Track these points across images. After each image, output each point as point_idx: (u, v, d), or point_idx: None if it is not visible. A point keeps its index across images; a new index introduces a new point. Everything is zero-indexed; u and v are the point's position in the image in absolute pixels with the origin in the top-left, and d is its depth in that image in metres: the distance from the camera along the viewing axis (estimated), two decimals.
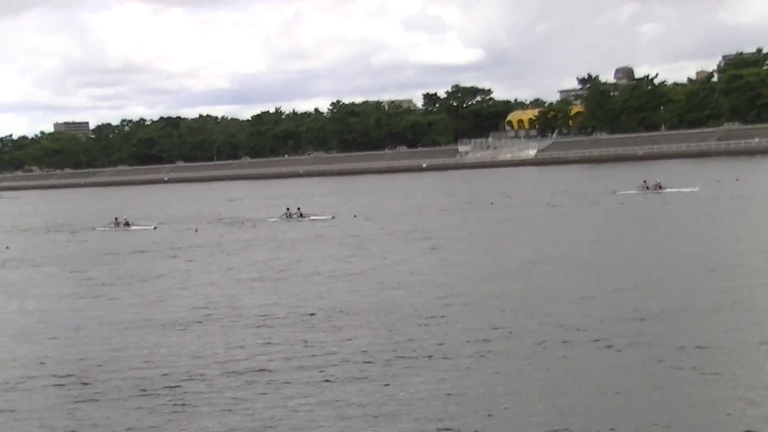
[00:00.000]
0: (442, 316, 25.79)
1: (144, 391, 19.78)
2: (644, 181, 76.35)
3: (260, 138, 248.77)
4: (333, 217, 67.28)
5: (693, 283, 29.05)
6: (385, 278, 34.23)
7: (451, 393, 18.08)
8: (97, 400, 19.40)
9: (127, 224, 69.91)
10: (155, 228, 67.52)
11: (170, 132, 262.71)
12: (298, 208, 70.77)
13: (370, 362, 21.10)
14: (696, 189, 70.38)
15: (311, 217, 67.88)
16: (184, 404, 18.62)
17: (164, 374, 21.09)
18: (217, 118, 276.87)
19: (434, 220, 60.65)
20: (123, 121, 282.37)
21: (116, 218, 72.53)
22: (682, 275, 30.59)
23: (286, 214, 69.54)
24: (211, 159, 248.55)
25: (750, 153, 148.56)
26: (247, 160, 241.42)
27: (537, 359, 20.38)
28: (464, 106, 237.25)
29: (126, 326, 27.49)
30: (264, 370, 20.95)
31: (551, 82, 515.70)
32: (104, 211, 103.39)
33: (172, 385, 20.11)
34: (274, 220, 69.33)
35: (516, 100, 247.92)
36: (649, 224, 49.54)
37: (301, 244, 50.70)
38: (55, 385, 20.94)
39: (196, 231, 63.71)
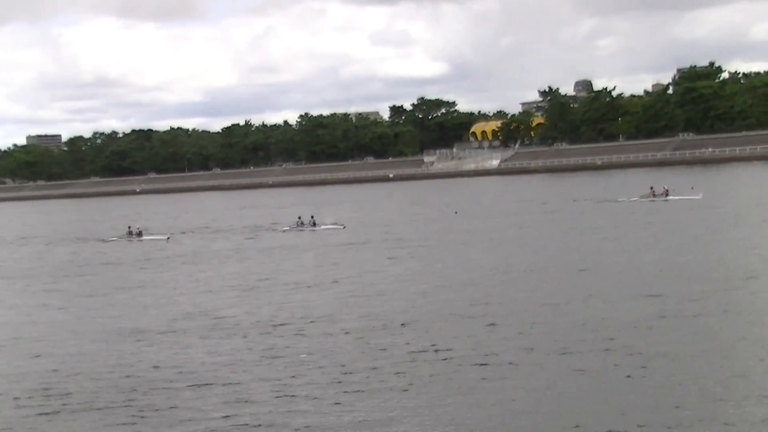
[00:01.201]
0: (405, 325, 25.47)
1: (110, 402, 19.58)
2: (651, 188, 74.30)
3: (231, 150, 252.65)
4: (344, 227, 64.24)
5: (661, 289, 28.76)
6: (356, 287, 33.88)
7: (420, 405, 17.71)
8: (59, 412, 19.20)
9: (140, 234, 67.53)
10: (168, 239, 65.39)
11: (142, 144, 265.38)
12: (312, 217, 67.47)
13: (338, 373, 20.74)
14: (699, 197, 69.14)
15: (323, 227, 65.09)
16: (144, 417, 18.42)
17: (129, 386, 20.85)
18: (188, 130, 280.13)
19: (416, 229, 61.51)
20: (95, 133, 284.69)
21: (129, 227, 69.45)
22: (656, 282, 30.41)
23: (298, 223, 66.87)
24: (182, 170, 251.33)
25: (703, 162, 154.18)
26: (217, 171, 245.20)
27: (491, 371, 20.07)
28: (429, 117, 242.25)
29: (95, 337, 27.13)
30: (229, 382, 20.58)
31: (514, 95, 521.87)
32: (77, 222, 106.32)
33: (134, 397, 19.87)
34: (286, 228, 66.79)
35: (480, 112, 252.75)
36: (614, 231, 51.69)
37: (282, 252, 52.07)
38: (17, 398, 20.46)
39: (168, 239, 64.12)
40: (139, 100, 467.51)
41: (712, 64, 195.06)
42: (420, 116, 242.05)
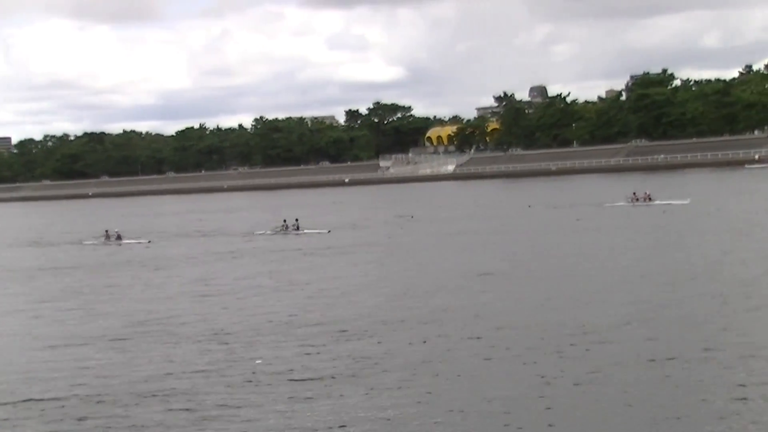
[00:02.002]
0: (370, 333, 24.91)
1: (47, 413, 18.87)
2: (634, 193, 73.76)
3: (185, 153, 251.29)
4: (329, 231, 63.19)
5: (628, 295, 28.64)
6: (316, 293, 33.41)
7: (373, 412, 17.33)
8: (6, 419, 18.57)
9: (118, 238, 65.84)
10: (149, 242, 63.86)
11: (94, 147, 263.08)
12: (296, 220, 65.74)
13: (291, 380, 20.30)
14: (687, 201, 68.25)
15: (307, 231, 63.63)
16: (82, 428, 17.88)
17: (75, 394, 20.17)
18: (141, 133, 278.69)
19: (372, 234, 61.38)
20: (46, 136, 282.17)
21: (106, 231, 67.54)
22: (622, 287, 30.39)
23: (282, 226, 65.14)
24: (135, 174, 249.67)
25: (656, 168, 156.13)
26: (171, 175, 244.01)
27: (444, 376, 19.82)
28: (385, 122, 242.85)
29: (40, 344, 26.50)
30: (180, 391, 19.92)
31: (469, 100, 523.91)
32: (29, 225, 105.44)
33: (83, 405, 19.23)
34: (269, 233, 64.85)
35: (435, 116, 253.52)
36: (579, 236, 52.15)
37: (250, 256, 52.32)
38: None
39: (149, 243, 63.00)
40: (93, 103, 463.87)
41: (664, 71, 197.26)
42: (376, 121, 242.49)
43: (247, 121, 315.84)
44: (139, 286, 39.50)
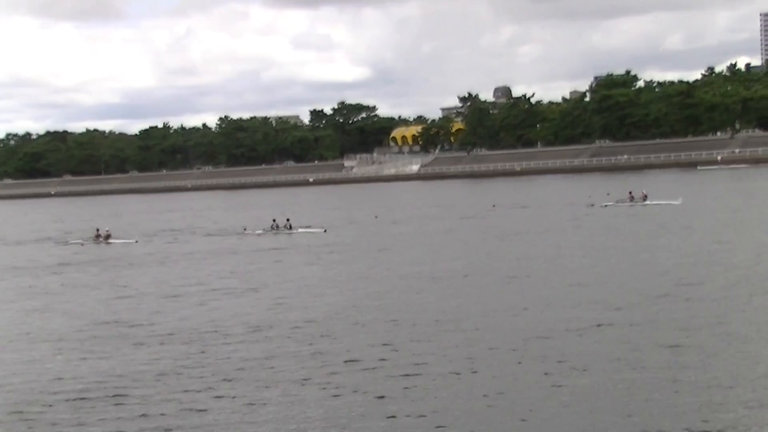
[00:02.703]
0: (324, 336, 24.36)
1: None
2: (630, 193, 71.99)
3: (148, 152, 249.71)
4: (325, 230, 61.12)
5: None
6: (276, 294, 32.75)
7: (338, 415, 16.97)
8: None
9: (107, 237, 63.56)
10: (137, 242, 62.21)
11: (57, 146, 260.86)
12: (288, 220, 63.84)
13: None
14: (678, 202, 66.91)
15: (300, 230, 61.95)
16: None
17: (26, 398, 19.65)
18: (105, 132, 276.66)
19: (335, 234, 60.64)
20: (8, 134, 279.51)
21: (97, 230, 65.23)
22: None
23: (273, 226, 63.20)
24: (98, 173, 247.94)
25: (619, 169, 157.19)
26: (135, 174, 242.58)
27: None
28: (350, 122, 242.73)
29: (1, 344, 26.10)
30: (118, 394, 19.48)
31: (434, 100, 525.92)
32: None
33: (29, 410, 18.64)
34: (259, 232, 62.70)
35: (400, 116, 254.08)
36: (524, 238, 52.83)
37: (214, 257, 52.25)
38: None
39: (136, 242, 61.73)
40: (55, 101, 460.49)
41: (628, 72, 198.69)
42: (340, 120, 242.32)
43: (212, 121, 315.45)
44: (106, 286, 39.02)
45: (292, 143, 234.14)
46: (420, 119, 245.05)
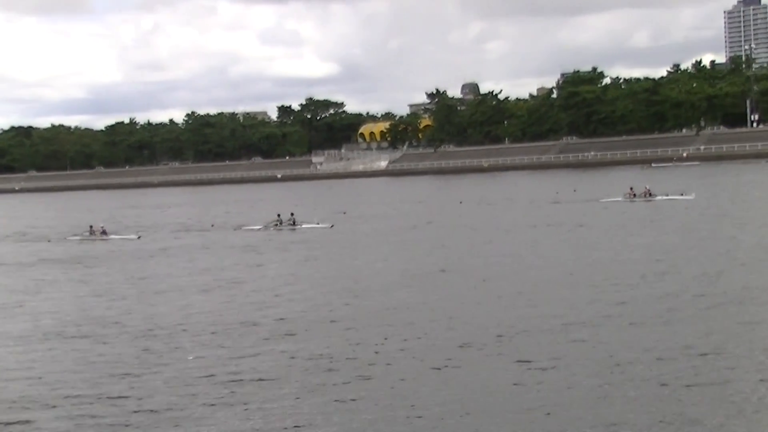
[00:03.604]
0: (296, 333, 24.09)
1: None
2: (631, 188, 69.15)
3: (115, 148, 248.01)
4: (332, 226, 59.24)
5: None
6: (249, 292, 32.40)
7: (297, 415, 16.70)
8: None
9: (104, 233, 61.24)
10: (139, 237, 59.83)
11: (21, 141, 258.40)
12: (292, 214, 61.69)
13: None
14: (692, 197, 64.41)
15: (305, 225, 59.85)
16: None
17: None
18: (70, 128, 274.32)
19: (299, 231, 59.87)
20: None
21: (91, 226, 62.92)
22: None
23: (276, 221, 61.06)
24: (64, 169, 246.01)
25: (586, 165, 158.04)
26: (101, 170, 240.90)
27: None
28: (318, 118, 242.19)
29: None
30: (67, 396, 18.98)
31: (402, 96, 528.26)
32: None
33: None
34: (258, 228, 60.92)
35: (368, 113, 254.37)
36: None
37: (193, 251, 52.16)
38: None
39: (139, 237, 59.85)
40: (20, 96, 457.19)
41: (594, 69, 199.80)
42: (308, 117, 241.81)
43: (179, 116, 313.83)
44: (74, 283, 38.71)
45: (259, 139, 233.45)
46: (388, 115, 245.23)
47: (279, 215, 61.71)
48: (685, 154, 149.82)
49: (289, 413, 16.98)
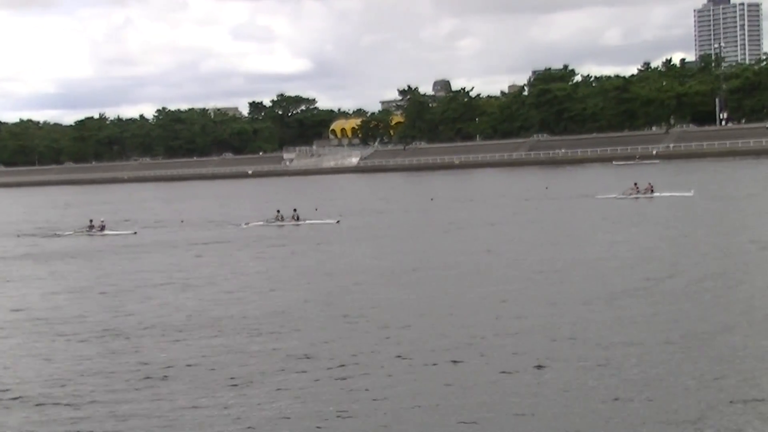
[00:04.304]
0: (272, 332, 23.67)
1: None
2: (635, 184, 67.11)
3: (84, 143, 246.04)
4: (338, 221, 57.90)
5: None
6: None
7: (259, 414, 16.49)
8: None
9: (102, 228, 59.92)
10: (135, 233, 58.48)
11: None
12: (295, 210, 60.17)
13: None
14: (690, 193, 63.69)
15: (309, 221, 58.38)
16: None
17: None
18: (39, 122, 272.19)
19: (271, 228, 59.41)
20: None
21: (91, 221, 61.02)
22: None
23: (277, 217, 59.60)
24: (32, 164, 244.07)
25: (556, 163, 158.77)
26: (70, 165, 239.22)
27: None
28: (289, 114, 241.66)
29: None
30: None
31: (373, 93, 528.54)
32: None
33: None
34: (261, 224, 58.88)
35: (340, 109, 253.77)
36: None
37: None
38: None
39: (135, 233, 58.64)
40: None
41: (565, 67, 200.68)
42: (280, 113, 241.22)
43: (149, 112, 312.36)
44: (51, 278, 38.38)
45: (230, 135, 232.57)
46: (359, 112, 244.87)
47: (279, 211, 60.38)
48: (655, 152, 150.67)
49: (258, 413, 16.78)
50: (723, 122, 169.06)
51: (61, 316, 27.88)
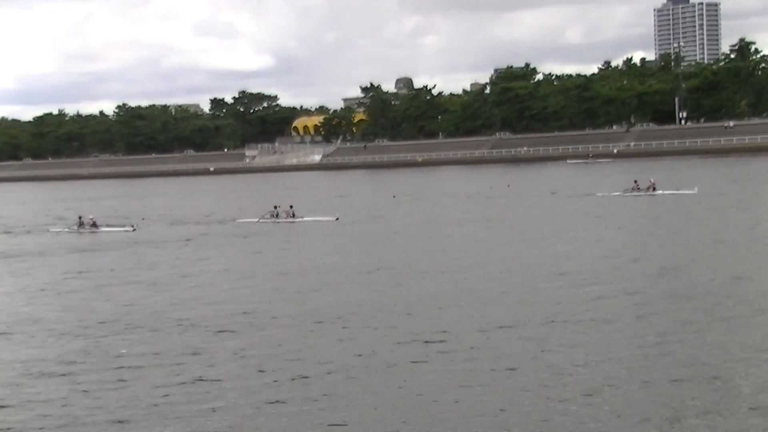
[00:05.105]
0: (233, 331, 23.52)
1: None
2: (635, 182, 66.13)
3: (43, 140, 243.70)
4: (337, 218, 56.64)
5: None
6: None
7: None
8: None
9: (94, 225, 58.14)
10: (134, 229, 56.34)
11: None
12: (291, 207, 58.56)
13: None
14: (694, 191, 62.40)
15: (307, 218, 57.07)
16: None
17: None
18: None
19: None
20: None
21: (80, 217, 59.46)
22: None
23: (272, 213, 58.32)
24: None
25: (518, 161, 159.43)
26: (29, 161, 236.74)
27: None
28: (251, 111, 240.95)
29: None
30: None
31: (336, 90, 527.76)
32: None
33: None
34: (257, 221, 57.83)
35: (302, 106, 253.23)
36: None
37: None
38: None
39: (134, 229, 56.43)
40: None
41: (527, 65, 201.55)
42: (241, 110, 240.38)
43: (110, 108, 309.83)
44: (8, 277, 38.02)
45: (192, 132, 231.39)
46: (322, 109, 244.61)
47: (276, 207, 59.07)
48: (616, 151, 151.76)
49: (219, 415, 16.64)
50: (682, 121, 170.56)
51: (29, 317, 27.62)
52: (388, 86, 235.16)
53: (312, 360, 20.11)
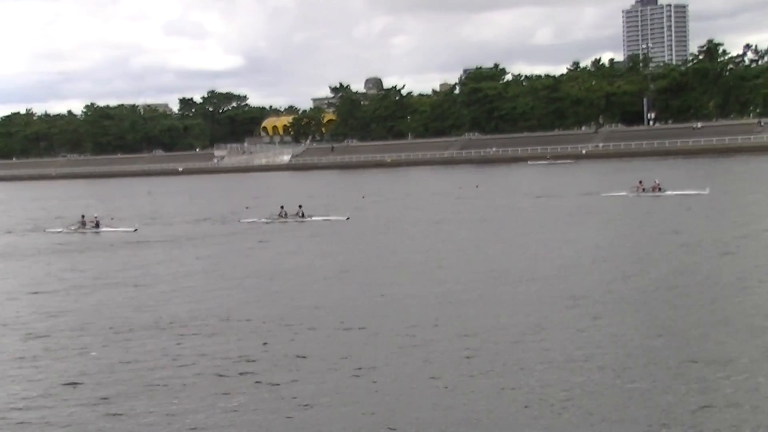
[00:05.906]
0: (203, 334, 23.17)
1: None
2: (640, 182, 65.02)
3: (10, 139, 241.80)
4: (348, 218, 55.80)
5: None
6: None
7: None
8: None
9: (97, 225, 56.89)
10: (136, 230, 54.90)
11: None
12: (300, 207, 57.53)
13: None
14: (705, 191, 60.61)
15: (316, 218, 56.03)
16: None
17: None
18: None
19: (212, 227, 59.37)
20: None
21: (83, 216, 58.05)
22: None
23: (280, 213, 57.11)
24: None
25: (487, 161, 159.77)
26: None
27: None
28: (220, 111, 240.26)
29: None
30: None
31: (305, 90, 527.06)
32: None
33: None
34: (264, 221, 56.60)
35: (271, 106, 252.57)
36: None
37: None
38: None
39: (136, 230, 55.13)
40: None
41: (496, 65, 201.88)
42: (210, 110, 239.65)
43: (78, 108, 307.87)
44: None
45: (160, 132, 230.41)
46: (291, 109, 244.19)
47: (283, 207, 58.04)
48: (584, 152, 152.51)
49: (186, 418, 16.54)
50: (651, 122, 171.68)
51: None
52: (358, 86, 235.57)
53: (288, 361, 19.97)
